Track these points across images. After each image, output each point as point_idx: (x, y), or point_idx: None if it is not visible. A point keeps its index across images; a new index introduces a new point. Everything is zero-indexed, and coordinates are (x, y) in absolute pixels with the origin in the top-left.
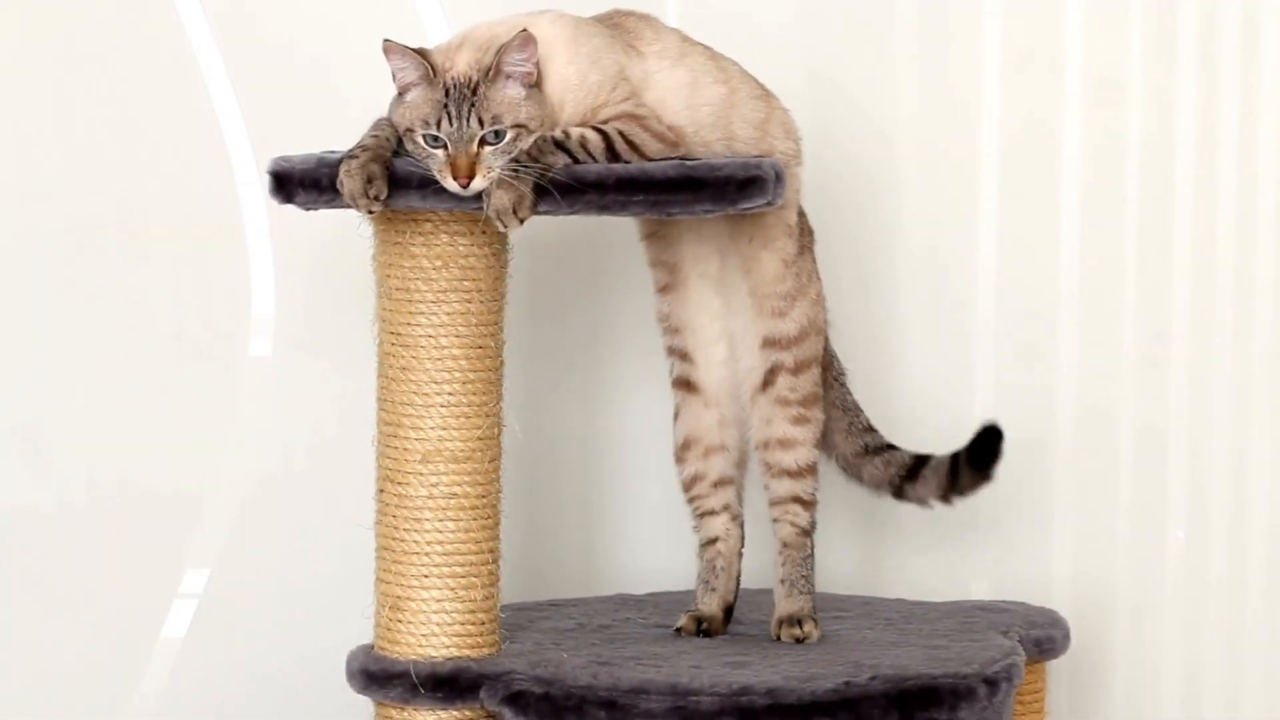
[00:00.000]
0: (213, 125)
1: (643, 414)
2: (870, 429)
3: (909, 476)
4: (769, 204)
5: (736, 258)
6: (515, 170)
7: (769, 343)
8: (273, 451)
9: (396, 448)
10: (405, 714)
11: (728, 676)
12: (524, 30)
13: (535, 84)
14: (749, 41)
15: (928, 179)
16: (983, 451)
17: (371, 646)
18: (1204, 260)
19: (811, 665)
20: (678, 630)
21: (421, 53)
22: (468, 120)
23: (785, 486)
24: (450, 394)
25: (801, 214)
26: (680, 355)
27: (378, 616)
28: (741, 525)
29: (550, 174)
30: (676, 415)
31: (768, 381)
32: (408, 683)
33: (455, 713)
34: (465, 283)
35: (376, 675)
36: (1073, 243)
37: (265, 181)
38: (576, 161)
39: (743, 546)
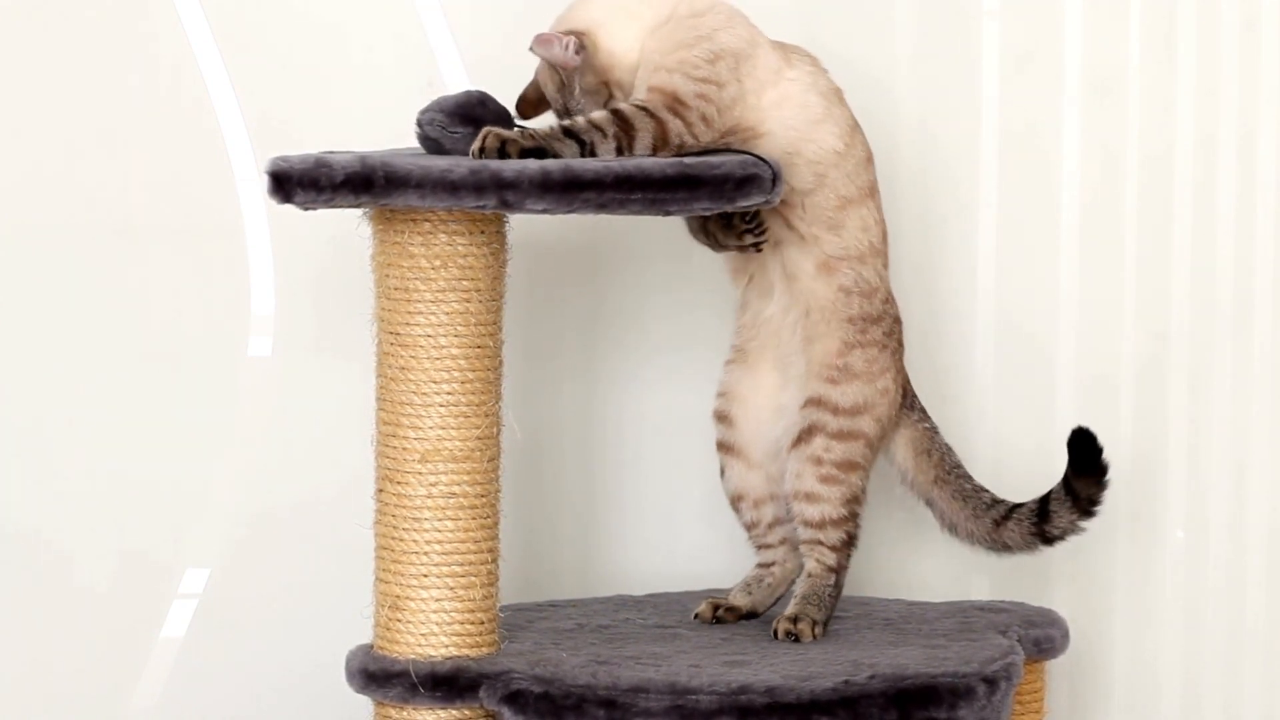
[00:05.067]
0: (213, 125)
1: (642, 414)
2: (993, 503)
3: (1044, 518)
4: (767, 202)
5: (801, 336)
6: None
7: (812, 401)
8: (273, 451)
9: (395, 447)
10: (404, 713)
11: (726, 675)
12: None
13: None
14: None
15: (927, 180)
16: (1083, 457)
17: (371, 646)
18: (1204, 260)
19: (810, 664)
20: (695, 616)
21: None
22: None
23: (808, 534)
24: (449, 394)
25: (897, 321)
26: (720, 418)
27: (377, 616)
28: (800, 554)
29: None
30: (723, 472)
31: (801, 438)
32: (407, 682)
33: (454, 712)
34: (464, 282)
35: (376, 675)
36: (1072, 242)
37: (265, 181)
38: (584, 148)
39: (797, 576)
